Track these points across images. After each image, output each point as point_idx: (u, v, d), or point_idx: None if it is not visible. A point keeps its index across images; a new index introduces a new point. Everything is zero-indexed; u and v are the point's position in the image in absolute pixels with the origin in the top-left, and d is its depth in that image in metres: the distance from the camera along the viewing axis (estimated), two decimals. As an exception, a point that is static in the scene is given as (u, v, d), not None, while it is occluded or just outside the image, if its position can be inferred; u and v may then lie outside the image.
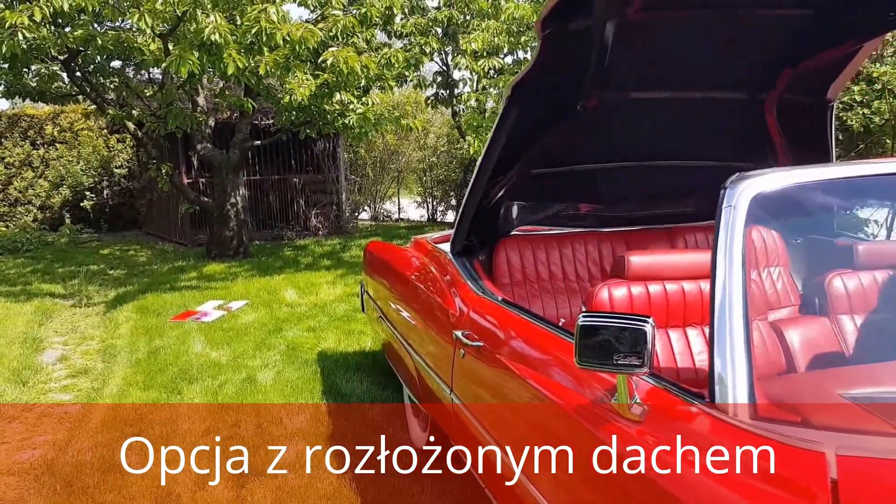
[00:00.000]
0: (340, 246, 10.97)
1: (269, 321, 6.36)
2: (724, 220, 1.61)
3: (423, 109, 14.30)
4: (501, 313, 2.41)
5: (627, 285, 2.44)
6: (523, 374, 2.04)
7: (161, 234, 13.07)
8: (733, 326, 1.50)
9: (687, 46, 2.71)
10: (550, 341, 2.07)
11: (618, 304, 2.41)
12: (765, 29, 2.77)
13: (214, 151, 9.89)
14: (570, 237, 3.54)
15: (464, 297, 2.71)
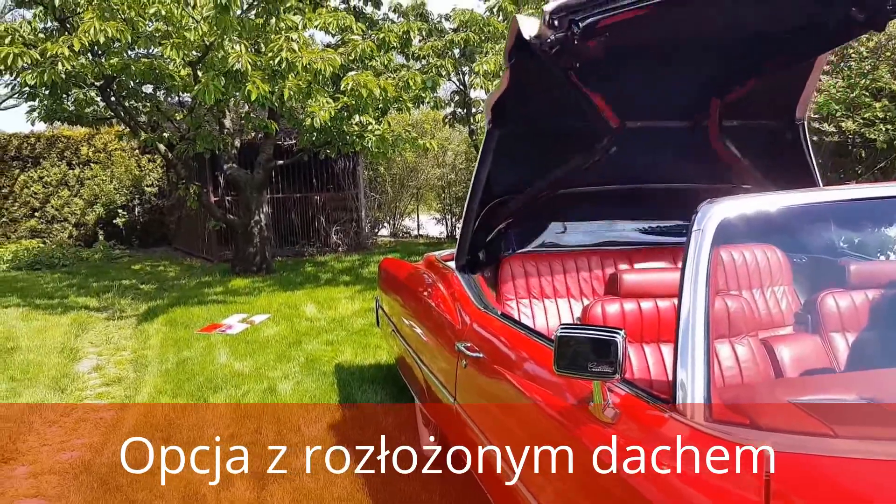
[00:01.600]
0: (359, 262, 11.25)
1: (289, 334, 6.63)
2: (692, 242, 1.81)
3: (441, 128, 14.61)
4: (499, 327, 2.63)
5: (620, 302, 2.65)
6: (515, 381, 2.26)
7: (189, 251, 13.47)
8: (695, 340, 1.70)
9: (631, 80, 2.98)
10: (541, 352, 2.28)
11: (610, 320, 2.61)
12: (695, 61, 3.02)
13: (240, 171, 10.27)
14: (573, 255, 3.74)
15: (466, 311, 2.93)
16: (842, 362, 2.59)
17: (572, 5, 2.44)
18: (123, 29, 6.50)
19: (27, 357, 6.06)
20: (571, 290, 3.68)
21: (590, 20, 2.40)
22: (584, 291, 3.68)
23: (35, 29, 7.91)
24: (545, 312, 3.59)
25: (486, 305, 2.93)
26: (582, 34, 2.43)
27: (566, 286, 3.68)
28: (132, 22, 6.68)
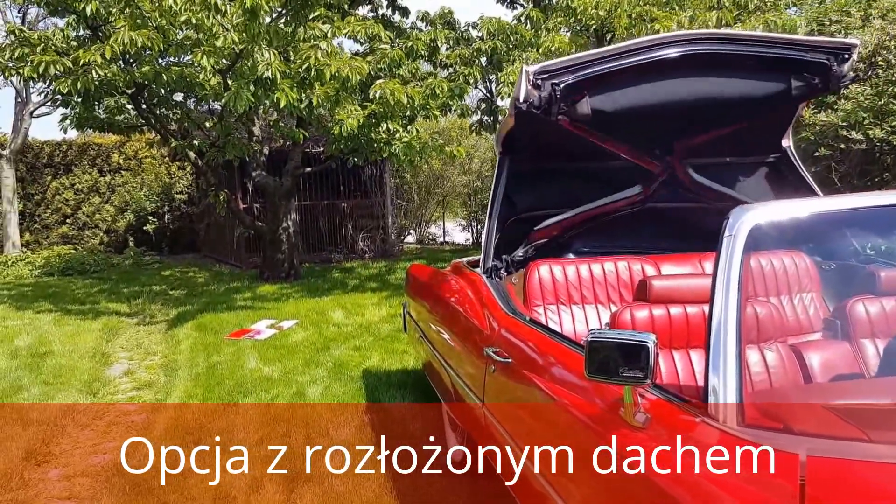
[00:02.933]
0: (386, 269, 11.31)
1: (317, 340, 6.68)
2: (724, 248, 1.80)
3: (467, 135, 14.65)
4: (528, 332, 2.63)
5: (649, 308, 2.64)
6: (544, 386, 2.26)
7: (218, 257, 13.66)
8: (727, 344, 1.69)
9: (615, 129, 3.33)
10: (569, 357, 2.28)
11: (639, 326, 2.60)
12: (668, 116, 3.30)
13: (268, 178, 10.39)
14: (600, 260, 3.73)
15: (495, 316, 2.94)
16: (872, 368, 2.56)
17: (553, 69, 2.87)
18: (155, 37, 6.63)
19: (59, 361, 6.18)
20: (599, 297, 3.66)
21: (569, 81, 2.86)
22: (612, 298, 3.67)
23: (67, 37, 8.10)
24: (573, 318, 3.58)
25: (515, 311, 2.93)
26: (564, 93, 2.87)
27: (593, 292, 3.67)
28: (163, 30, 6.81)
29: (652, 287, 2.67)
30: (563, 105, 2.93)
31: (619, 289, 3.68)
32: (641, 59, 2.96)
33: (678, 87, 3.10)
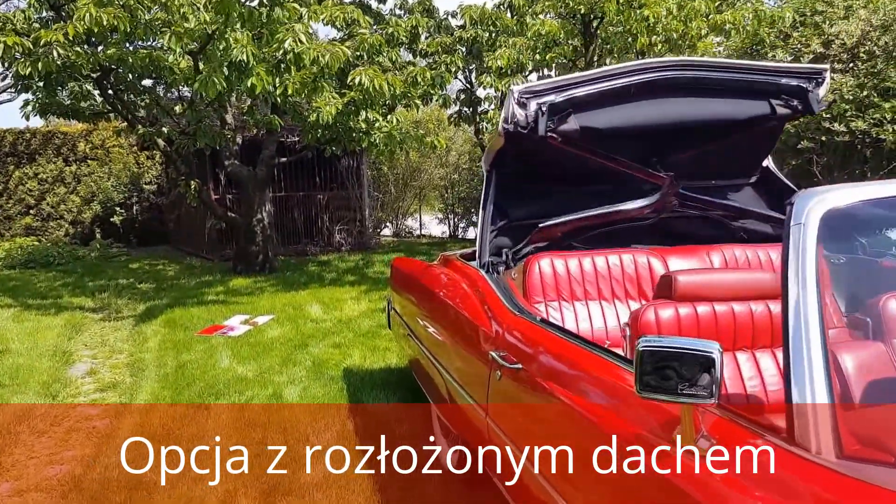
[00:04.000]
0: (364, 262, 10.98)
1: (294, 336, 6.34)
2: (793, 238, 1.53)
3: (445, 127, 14.35)
4: (541, 334, 2.35)
5: (675, 306, 2.37)
6: (570, 399, 1.96)
7: (189, 249, 13.19)
8: (811, 353, 1.39)
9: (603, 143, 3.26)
10: (598, 365, 2.00)
11: (665, 327, 2.34)
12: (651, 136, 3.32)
13: (242, 168, 9.99)
14: (604, 252, 3.47)
15: (499, 315, 2.65)
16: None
17: (538, 89, 2.93)
18: (121, 16, 6.20)
19: (17, 361, 5.77)
20: (603, 292, 3.40)
21: (555, 100, 2.93)
22: (617, 293, 3.41)
23: (29, 18, 7.62)
24: (576, 316, 3.31)
25: (521, 309, 2.64)
26: (550, 111, 2.92)
27: (597, 287, 3.40)
28: (130, 9, 6.39)
29: (677, 283, 2.41)
30: (549, 123, 2.95)
31: (625, 283, 3.42)
32: (626, 82, 3.03)
33: (665, 108, 3.14)
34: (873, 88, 7.69)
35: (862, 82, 7.81)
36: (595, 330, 3.29)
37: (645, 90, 3.07)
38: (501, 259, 3.44)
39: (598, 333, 3.28)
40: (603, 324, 3.31)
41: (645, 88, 3.06)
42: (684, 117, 3.18)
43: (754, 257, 3.51)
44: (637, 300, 3.40)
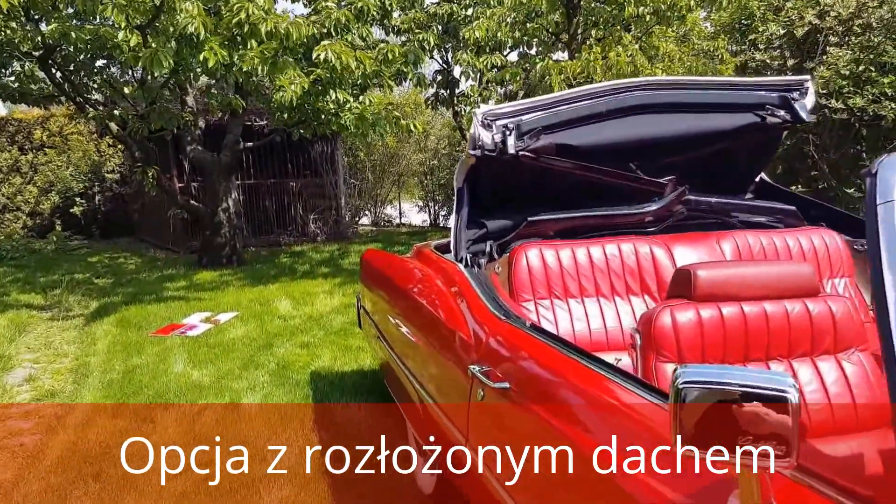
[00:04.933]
0: (339, 252, 10.45)
1: (259, 336, 5.83)
2: (883, 218, 1.08)
3: (423, 111, 13.82)
4: (533, 346, 1.88)
5: (695, 307, 1.92)
6: (573, 437, 1.49)
7: (154, 241, 12.58)
8: None
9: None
10: (609, 391, 1.54)
11: (684, 333, 1.89)
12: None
13: (205, 154, 9.41)
14: (600, 241, 3.01)
15: (480, 319, 2.18)
16: None
17: (504, 112, 2.76)
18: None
19: (-52, 367, 5.20)
20: (601, 287, 2.94)
21: (523, 120, 2.76)
22: (617, 288, 2.95)
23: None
24: (570, 315, 2.85)
25: (508, 313, 2.17)
26: (517, 131, 2.74)
27: (594, 282, 2.94)
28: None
29: (698, 279, 1.95)
30: (519, 142, 2.76)
31: (626, 277, 2.96)
32: (597, 103, 2.87)
33: (646, 125, 2.95)
34: (870, 63, 7.30)
35: (858, 57, 7.42)
36: (593, 332, 2.84)
37: (619, 111, 2.90)
38: (483, 249, 2.97)
39: (596, 336, 2.83)
40: (601, 324, 2.86)
41: (618, 110, 2.89)
42: (668, 133, 2.98)
43: (770, 245, 3.07)
44: (639, 295, 2.95)
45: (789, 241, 3.11)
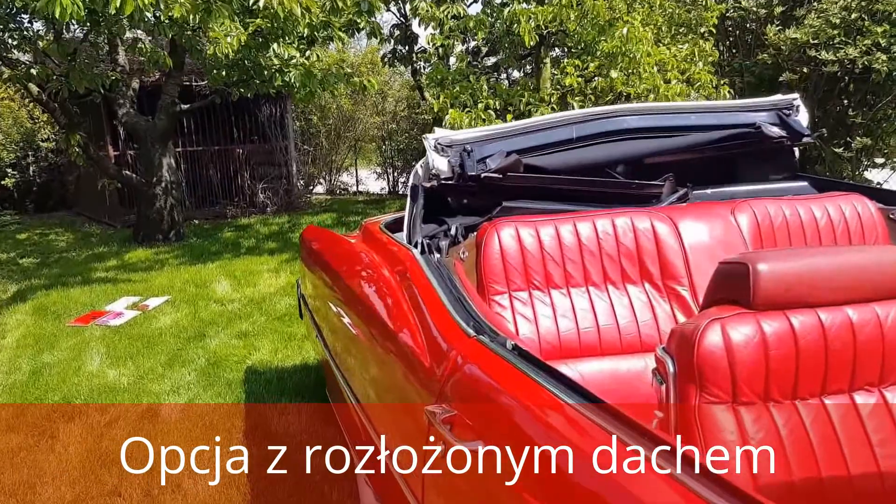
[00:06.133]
0: (290, 224, 9.70)
1: (190, 324, 5.13)
2: None
3: (380, 70, 12.99)
4: (518, 382, 1.25)
5: (755, 319, 1.31)
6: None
7: (91, 215, 11.63)
8: None
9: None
10: (630, 460, 0.93)
11: (742, 358, 1.29)
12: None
13: (138, 118, 8.51)
14: (589, 215, 2.41)
15: (443, 335, 1.54)
16: None
17: (458, 139, 2.41)
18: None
19: None
20: (591, 274, 2.33)
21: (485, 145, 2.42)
22: (611, 275, 2.34)
23: None
24: (553, 312, 2.24)
25: (480, 325, 1.53)
26: (478, 155, 2.39)
27: (582, 267, 2.33)
28: None
29: (760, 279, 1.32)
30: (480, 165, 2.38)
31: (621, 260, 2.36)
32: (570, 130, 2.57)
33: (630, 144, 2.66)
34: (863, 11, 6.77)
35: (849, 4, 6.88)
36: (582, 332, 2.23)
37: (595, 136, 2.60)
38: (444, 230, 2.33)
39: (586, 337, 2.23)
40: (592, 321, 2.26)
41: (595, 135, 2.60)
42: (655, 149, 2.68)
43: (794, 216, 2.50)
44: (638, 283, 2.35)
45: (815, 211, 2.54)
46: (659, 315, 2.27)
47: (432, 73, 6.95)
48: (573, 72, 6.35)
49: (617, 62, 6.06)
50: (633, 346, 2.23)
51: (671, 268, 2.33)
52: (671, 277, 2.32)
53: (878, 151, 8.12)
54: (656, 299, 2.30)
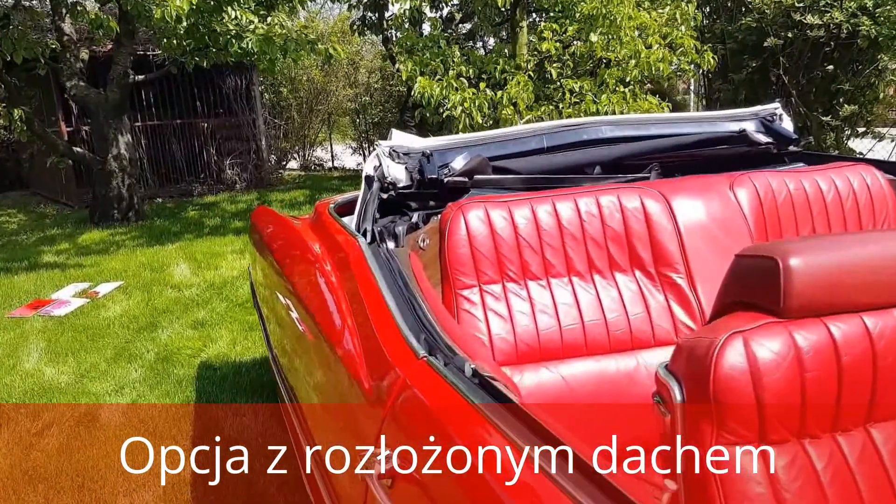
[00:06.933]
0: (258, 202, 9.27)
1: (143, 313, 4.76)
2: None
3: (350, 40, 12.48)
4: (475, 426, 0.93)
5: (787, 331, 1.00)
6: None
7: (47, 195, 11.11)
8: None
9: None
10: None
11: (771, 381, 0.98)
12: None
13: (89, 91, 7.99)
14: (570, 192, 2.09)
15: (388, 351, 1.21)
16: None
17: (414, 147, 2.14)
18: None
19: None
20: (574, 262, 2.01)
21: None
22: (596, 263, 2.02)
23: None
24: (531, 306, 1.92)
25: (432, 337, 1.20)
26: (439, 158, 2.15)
27: (564, 254, 2.01)
28: None
29: (792, 278, 1.00)
30: (444, 170, 2.13)
31: (608, 244, 2.04)
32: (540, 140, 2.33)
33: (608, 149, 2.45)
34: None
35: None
36: (564, 330, 1.92)
37: (567, 146, 2.37)
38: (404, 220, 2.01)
39: (569, 336, 1.92)
40: (577, 317, 1.95)
41: (567, 145, 2.37)
42: (637, 150, 2.44)
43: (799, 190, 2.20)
44: (627, 272, 2.04)
45: (821, 184, 2.24)
46: (652, 307, 1.97)
47: (402, 39, 6.54)
48: (550, 36, 5.98)
49: (597, 25, 5.70)
50: (622, 343, 1.93)
51: (665, 252, 2.02)
52: (665, 264, 2.01)
53: (861, 119, 7.90)
54: (648, 289, 2.00)
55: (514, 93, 5.83)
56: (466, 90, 5.78)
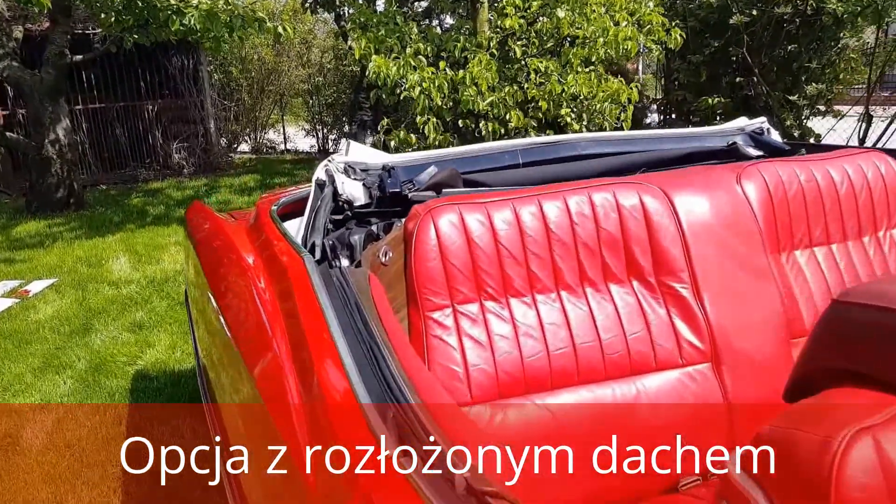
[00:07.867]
0: (207, 187, 8.81)
1: (76, 314, 4.34)
2: None
3: (302, 18, 11.96)
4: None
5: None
6: None
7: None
8: None
9: None
10: None
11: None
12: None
13: (22, 72, 7.41)
14: (559, 189, 1.79)
15: (328, 402, 0.89)
16: None
17: (371, 164, 1.92)
18: None
19: None
20: (564, 274, 1.71)
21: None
22: (589, 273, 1.73)
23: None
24: (514, 328, 1.62)
25: (389, 385, 0.90)
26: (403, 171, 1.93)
27: (552, 264, 1.71)
28: None
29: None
30: (408, 185, 1.85)
31: (602, 250, 1.75)
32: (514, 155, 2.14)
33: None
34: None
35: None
36: (553, 356, 1.63)
37: (543, 163, 2.18)
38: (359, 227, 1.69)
39: (558, 363, 1.63)
40: (568, 340, 1.65)
41: (541, 162, 2.18)
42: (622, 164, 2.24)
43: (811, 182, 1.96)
44: (624, 283, 1.75)
45: (833, 174, 2.00)
46: (652, 323, 1.70)
47: (354, 15, 6.14)
48: (513, 12, 5.66)
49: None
50: (620, 368, 1.66)
51: (667, 258, 1.75)
52: (667, 272, 1.74)
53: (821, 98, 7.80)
54: (648, 302, 1.72)
55: (477, 72, 5.51)
56: (425, 69, 5.43)
